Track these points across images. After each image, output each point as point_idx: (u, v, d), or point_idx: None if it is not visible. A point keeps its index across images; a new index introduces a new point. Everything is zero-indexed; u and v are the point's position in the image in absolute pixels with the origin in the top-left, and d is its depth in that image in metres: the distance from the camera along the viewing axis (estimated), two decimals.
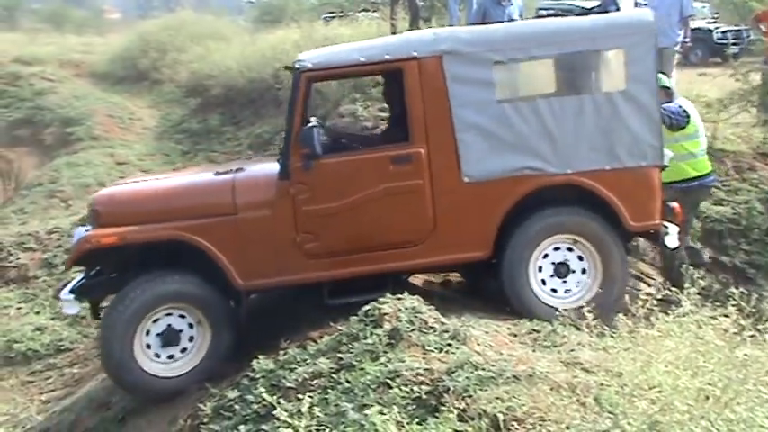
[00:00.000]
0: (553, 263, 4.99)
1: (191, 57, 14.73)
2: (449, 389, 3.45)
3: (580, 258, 5.00)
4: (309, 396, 3.49)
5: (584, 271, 5.00)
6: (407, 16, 11.45)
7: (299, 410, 3.68)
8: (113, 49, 16.93)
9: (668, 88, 6.05)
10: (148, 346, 4.85)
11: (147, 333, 4.84)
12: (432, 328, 4.10)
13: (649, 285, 5.89)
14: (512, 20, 7.93)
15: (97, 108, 13.13)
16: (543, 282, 5.00)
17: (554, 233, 4.94)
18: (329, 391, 3.75)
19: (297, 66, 4.91)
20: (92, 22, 28.01)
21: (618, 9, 8.58)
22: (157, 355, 4.88)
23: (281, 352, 4.34)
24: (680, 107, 5.89)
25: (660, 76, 6.20)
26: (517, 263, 4.91)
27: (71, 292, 4.92)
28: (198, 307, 4.86)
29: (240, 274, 4.85)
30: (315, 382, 3.87)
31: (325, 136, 5.29)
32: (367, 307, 4.33)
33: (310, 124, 4.93)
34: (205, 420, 4.07)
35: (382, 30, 11.51)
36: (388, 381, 3.65)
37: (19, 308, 5.15)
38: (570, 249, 5.00)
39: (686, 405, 2.63)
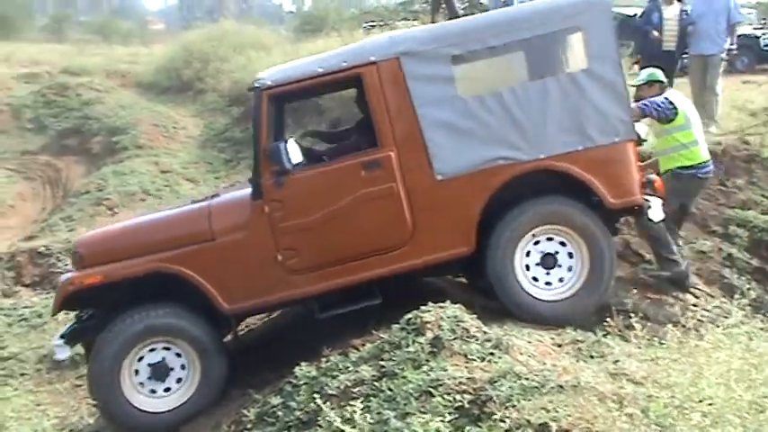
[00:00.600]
0: (540, 254, 4.94)
1: (233, 66, 14.88)
2: (491, 398, 3.43)
3: (563, 245, 4.94)
4: (360, 402, 3.49)
5: (570, 258, 4.94)
6: None
7: (343, 417, 3.71)
8: (158, 59, 17.20)
9: (662, 82, 5.97)
10: (140, 383, 4.85)
11: (136, 368, 4.85)
12: (474, 336, 4.08)
13: (696, 297, 5.76)
14: None
15: (142, 117, 13.35)
16: (534, 277, 4.95)
17: (537, 225, 4.89)
18: (371, 398, 3.74)
19: (256, 84, 4.91)
20: (137, 33, 28.55)
21: (661, 16, 8.49)
22: (153, 391, 4.87)
23: (324, 359, 4.35)
24: (665, 99, 5.78)
25: (653, 70, 6.13)
26: (501, 256, 4.86)
27: (61, 337, 4.98)
28: (183, 339, 4.85)
29: (225, 298, 4.84)
30: (357, 389, 3.87)
31: (299, 149, 5.33)
32: (409, 315, 4.33)
33: (278, 141, 4.95)
34: (248, 426, 4.09)
35: None
36: (430, 389, 3.64)
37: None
38: (552, 239, 4.95)
39: (739, 418, 2.57)
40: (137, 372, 4.84)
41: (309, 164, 5.21)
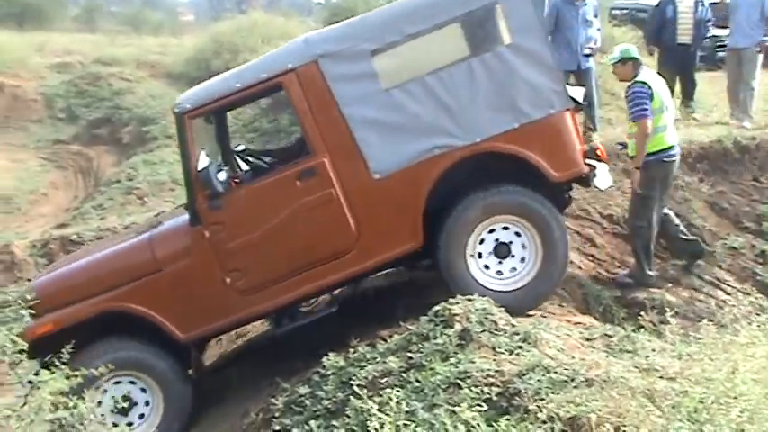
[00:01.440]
0: (494, 243, 4.84)
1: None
2: (520, 391, 3.41)
3: (518, 235, 4.84)
4: (397, 390, 3.49)
5: (524, 249, 4.85)
6: None
7: (370, 407, 3.72)
8: (187, 50, 17.32)
9: (636, 59, 5.82)
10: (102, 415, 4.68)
11: (99, 403, 4.69)
12: (502, 329, 4.06)
13: (728, 293, 5.69)
14: (586, 20, 7.77)
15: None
16: (485, 266, 4.85)
17: (485, 218, 4.78)
18: (399, 389, 3.74)
19: (176, 109, 4.79)
20: (167, 24, 28.70)
21: (675, 9, 8.35)
22: (115, 424, 4.68)
23: (351, 350, 4.36)
24: (643, 84, 5.66)
25: (627, 47, 5.97)
26: (452, 249, 4.76)
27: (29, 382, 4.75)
28: (142, 371, 4.78)
29: (179, 327, 4.75)
30: (385, 380, 3.87)
31: (231, 168, 5.32)
32: (437, 307, 4.32)
33: (205, 164, 4.76)
34: (276, 415, 4.11)
35: None
36: (458, 381, 3.63)
37: None
38: (508, 229, 4.84)
39: None
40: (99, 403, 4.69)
41: (242, 182, 5.12)
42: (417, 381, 3.73)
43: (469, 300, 4.33)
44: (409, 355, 4.01)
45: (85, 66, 16.15)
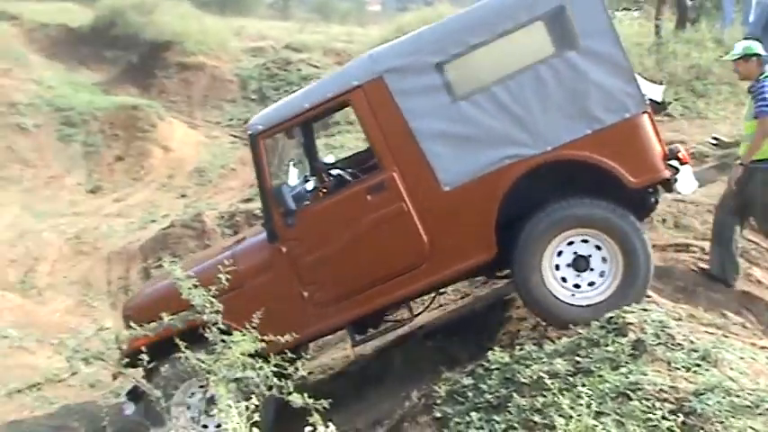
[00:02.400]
0: (572, 256, 4.62)
1: None
2: (696, 411, 3.28)
3: (598, 248, 4.59)
4: (552, 395, 3.46)
5: (604, 263, 4.60)
6: (674, 17, 10.84)
7: (533, 407, 3.70)
8: (372, 39, 17.72)
9: (759, 55, 5.27)
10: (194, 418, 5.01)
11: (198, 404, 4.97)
12: (679, 345, 3.90)
13: None
14: None
15: None
16: (563, 278, 4.63)
17: (561, 231, 4.56)
18: (564, 393, 3.69)
19: (250, 131, 4.95)
20: (354, 13, 29.60)
21: None
22: (205, 427, 5.00)
23: (518, 347, 4.35)
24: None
25: (750, 43, 5.42)
26: (527, 263, 4.57)
27: (126, 394, 5.19)
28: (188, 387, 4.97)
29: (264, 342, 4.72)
30: (550, 381, 3.83)
31: (318, 180, 5.45)
32: (610, 314, 4.22)
33: (278, 183, 4.94)
34: (438, 402, 4.18)
35: (643, 30, 11.00)
36: (628, 392, 3.55)
37: None
38: (588, 242, 4.60)
39: None
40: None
41: (317, 198, 5.22)
42: (584, 386, 3.67)
43: (645, 310, 4.19)
44: (577, 359, 3.95)
45: (277, 51, 16.98)
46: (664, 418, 3.30)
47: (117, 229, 10.38)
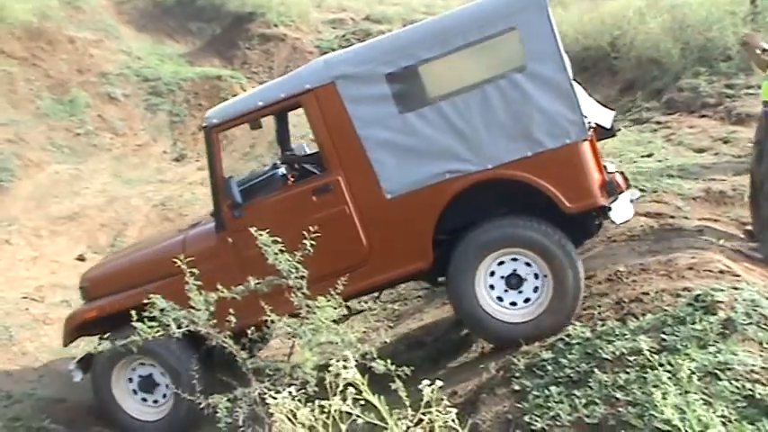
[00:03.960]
0: (505, 274, 4.74)
1: None
2: None
3: (528, 265, 4.70)
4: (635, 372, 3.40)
5: (536, 279, 4.70)
6: None
7: (615, 383, 3.65)
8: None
9: None
10: (134, 392, 5.41)
11: (130, 380, 5.41)
12: None
13: None
14: None
15: None
16: (499, 298, 4.76)
17: (493, 250, 4.69)
18: (648, 370, 3.62)
19: (205, 124, 5.12)
20: None
21: None
22: (144, 400, 5.41)
23: (599, 322, 4.28)
24: None
25: None
26: (460, 279, 4.68)
27: (77, 362, 5.52)
28: (152, 357, 5.26)
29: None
30: (633, 358, 3.77)
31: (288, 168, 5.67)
32: (698, 292, 4.10)
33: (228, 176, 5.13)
34: (517, 375, 4.16)
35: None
36: (716, 372, 3.45)
37: None
38: (518, 260, 4.71)
39: None
40: (131, 382, 5.44)
41: (264, 193, 5.32)
42: (669, 364, 3.59)
43: (736, 288, 4.06)
44: (662, 336, 3.87)
45: (357, 22, 17.00)
46: (754, 398, 3.21)
47: (200, 197, 10.66)
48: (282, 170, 5.82)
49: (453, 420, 2.60)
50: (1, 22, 12.31)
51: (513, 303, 4.76)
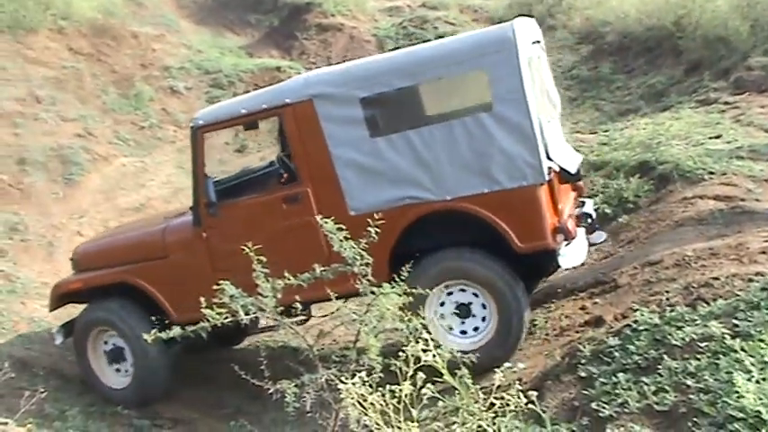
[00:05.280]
0: (455, 303, 4.98)
1: (586, 2, 14.48)
2: None
3: (476, 296, 4.95)
4: (706, 358, 3.32)
5: (484, 309, 4.94)
6: None
7: (686, 370, 3.57)
8: None
9: None
10: (106, 360, 5.91)
11: (104, 350, 5.90)
12: None
13: None
14: None
15: None
16: (450, 327, 4.99)
17: (442, 280, 4.90)
18: (720, 356, 3.54)
19: (192, 124, 5.51)
20: None
21: None
22: (117, 371, 5.92)
23: (668, 308, 4.19)
24: None
25: None
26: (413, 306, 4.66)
27: (61, 326, 6.06)
28: (116, 330, 5.78)
29: (174, 308, 5.54)
30: (704, 344, 3.68)
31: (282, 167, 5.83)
32: None
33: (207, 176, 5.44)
34: (583, 361, 4.10)
35: None
36: None
37: None
38: (465, 291, 4.95)
39: None
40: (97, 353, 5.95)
41: (239, 195, 5.61)
42: (743, 350, 3.49)
43: None
44: (735, 322, 3.76)
45: (413, 9, 16.93)
46: None
47: None
48: (272, 168, 6.21)
49: (526, 404, 2.59)
50: (68, 20, 12.67)
51: (464, 332, 5.03)
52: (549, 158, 4.87)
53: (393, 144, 4.98)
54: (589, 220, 5.51)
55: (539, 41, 5.60)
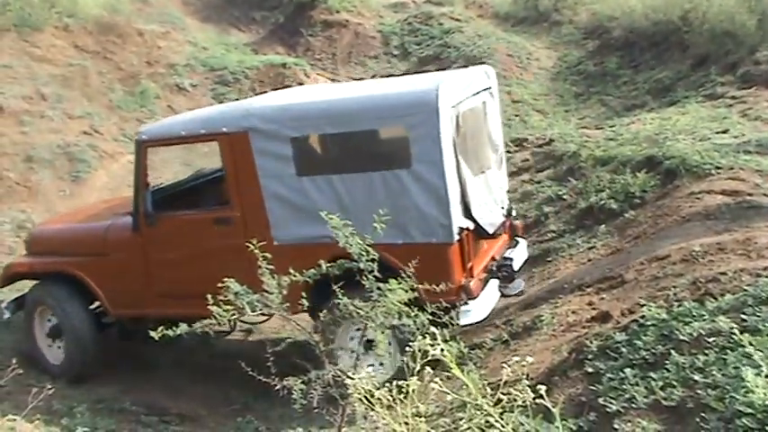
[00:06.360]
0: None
1: None
2: None
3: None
4: (714, 354, 3.31)
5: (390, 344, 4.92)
6: None
7: (694, 365, 3.56)
8: None
9: None
10: (47, 336, 6.29)
11: (45, 328, 6.29)
12: None
13: None
14: None
15: (498, 47, 13.65)
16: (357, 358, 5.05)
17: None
18: (728, 351, 3.52)
19: (137, 138, 5.82)
20: None
21: None
22: (59, 347, 6.28)
23: (675, 303, 4.18)
24: None
25: None
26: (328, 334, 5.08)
27: (10, 302, 6.40)
28: (52, 309, 6.21)
29: (111, 303, 5.96)
30: (712, 339, 3.66)
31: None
32: None
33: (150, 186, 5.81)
34: (590, 357, 4.09)
35: None
36: None
37: None
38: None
39: None
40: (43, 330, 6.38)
41: (176, 209, 5.88)
42: (751, 345, 3.47)
43: None
44: (743, 317, 3.74)
45: (419, 5, 16.92)
46: None
47: None
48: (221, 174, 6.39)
49: (534, 399, 2.58)
50: (74, 18, 12.69)
51: (371, 365, 5.09)
52: (469, 217, 5.13)
53: (317, 185, 5.23)
54: (506, 272, 5.66)
55: (488, 88, 5.86)
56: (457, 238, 5.01)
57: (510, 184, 8.19)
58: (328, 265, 4.04)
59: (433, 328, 3.09)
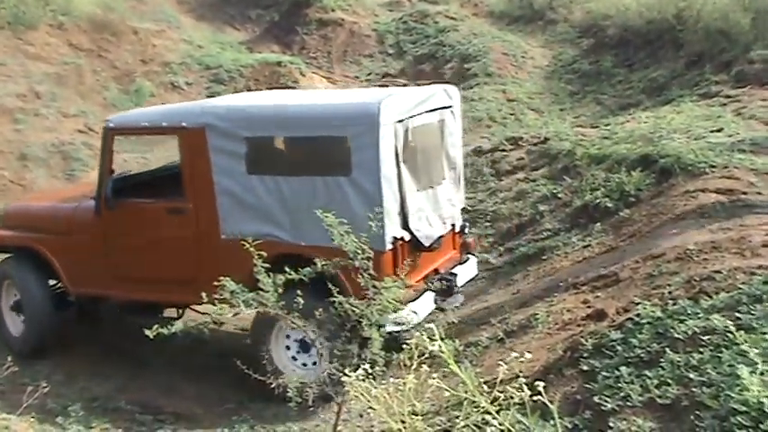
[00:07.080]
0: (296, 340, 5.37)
1: None
2: None
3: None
4: (709, 351, 3.31)
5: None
6: None
7: (689, 363, 3.57)
8: None
9: None
10: (11, 309, 6.55)
11: (11, 302, 6.54)
12: None
13: None
14: None
15: (493, 46, 13.65)
16: (293, 358, 5.45)
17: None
18: (722, 349, 3.53)
19: (105, 125, 6.05)
20: None
21: None
22: (13, 319, 6.53)
23: (670, 301, 4.18)
24: None
25: None
26: (261, 333, 5.37)
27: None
28: (14, 283, 6.43)
29: (70, 282, 6.21)
30: (707, 337, 3.67)
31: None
32: None
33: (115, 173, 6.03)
34: (585, 355, 4.09)
35: None
36: None
37: None
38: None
39: None
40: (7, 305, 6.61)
41: (135, 195, 6.06)
42: (745, 343, 3.48)
43: None
44: (737, 315, 3.75)
45: (414, 4, 16.90)
46: None
47: None
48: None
49: (531, 396, 2.58)
50: (68, 16, 12.65)
51: (305, 365, 5.41)
52: (406, 228, 5.29)
53: (264, 184, 5.46)
54: (446, 286, 5.70)
55: (448, 107, 6.00)
56: (390, 246, 5.18)
57: (505, 182, 8.22)
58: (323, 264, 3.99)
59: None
